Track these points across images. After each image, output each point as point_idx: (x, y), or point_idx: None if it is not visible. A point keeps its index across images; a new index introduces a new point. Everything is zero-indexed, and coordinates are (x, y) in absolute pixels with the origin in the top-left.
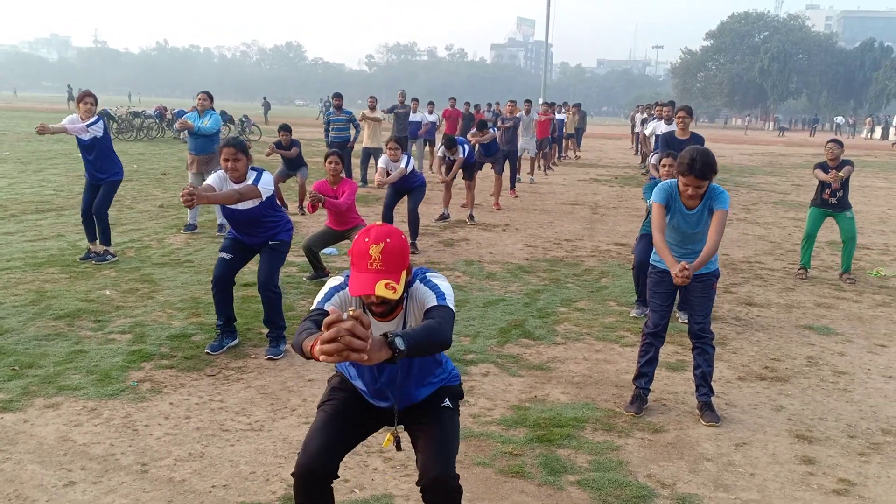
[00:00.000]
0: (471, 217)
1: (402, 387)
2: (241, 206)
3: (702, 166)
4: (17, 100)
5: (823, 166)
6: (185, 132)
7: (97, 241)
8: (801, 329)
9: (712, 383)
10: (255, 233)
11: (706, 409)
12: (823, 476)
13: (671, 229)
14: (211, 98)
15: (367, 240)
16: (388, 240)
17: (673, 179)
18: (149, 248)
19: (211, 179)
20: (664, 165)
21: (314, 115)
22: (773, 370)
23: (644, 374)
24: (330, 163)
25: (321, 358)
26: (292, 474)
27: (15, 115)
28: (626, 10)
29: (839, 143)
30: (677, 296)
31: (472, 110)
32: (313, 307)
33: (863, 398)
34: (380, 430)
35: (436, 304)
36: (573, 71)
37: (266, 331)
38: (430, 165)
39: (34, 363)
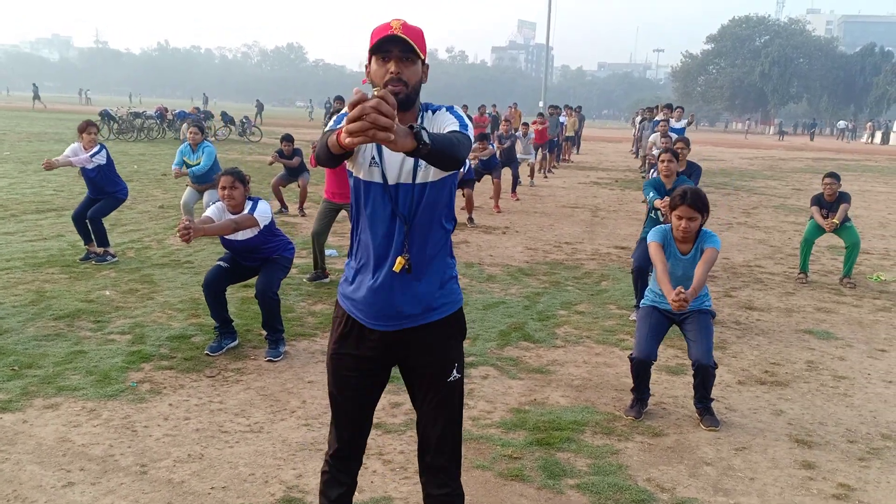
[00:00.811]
0: (470, 220)
1: (413, 229)
2: (239, 235)
3: (693, 196)
4: (12, 99)
5: (820, 199)
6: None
7: (94, 243)
8: (801, 333)
9: (712, 388)
10: (256, 258)
11: (706, 413)
12: (823, 481)
13: None
14: (202, 130)
15: (385, 23)
16: (406, 22)
17: (668, 224)
18: (149, 249)
19: (210, 211)
20: (662, 161)
21: (305, 117)
22: (773, 374)
23: (640, 387)
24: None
25: (346, 140)
26: (329, 455)
27: (15, 116)
28: (626, 13)
29: (837, 178)
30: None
31: (469, 113)
32: (327, 129)
33: (863, 403)
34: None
35: (457, 129)
36: (574, 74)
37: (265, 333)
38: None
39: (34, 363)
